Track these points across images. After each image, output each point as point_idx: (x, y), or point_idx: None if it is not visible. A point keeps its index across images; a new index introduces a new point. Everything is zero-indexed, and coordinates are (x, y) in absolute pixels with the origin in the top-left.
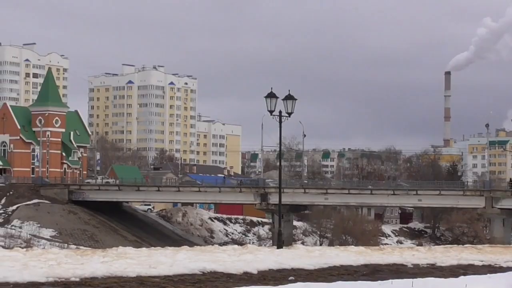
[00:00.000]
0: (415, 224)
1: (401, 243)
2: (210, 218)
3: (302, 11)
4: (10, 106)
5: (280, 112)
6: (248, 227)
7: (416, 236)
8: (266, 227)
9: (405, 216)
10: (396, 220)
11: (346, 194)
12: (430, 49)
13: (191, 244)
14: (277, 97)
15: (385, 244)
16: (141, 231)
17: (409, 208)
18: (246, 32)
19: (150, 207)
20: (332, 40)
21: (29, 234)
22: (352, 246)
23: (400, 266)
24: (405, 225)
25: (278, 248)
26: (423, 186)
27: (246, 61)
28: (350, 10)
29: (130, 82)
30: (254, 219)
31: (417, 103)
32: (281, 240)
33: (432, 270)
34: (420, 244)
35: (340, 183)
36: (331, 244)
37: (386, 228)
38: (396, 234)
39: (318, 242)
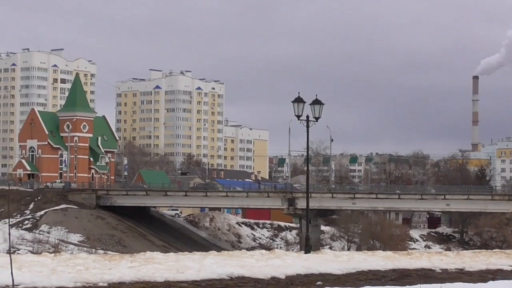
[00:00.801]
0: (443, 229)
1: (429, 247)
2: (237, 223)
3: (330, 15)
4: (38, 111)
5: (308, 117)
6: (276, 232)
7: (444, 240)
8: (294, 232)
9: (433, 220)
10: (424, 225)
11: (374, 199)
12: (459, 53)
13: (219, 249)
14: (304, 102)
15: (413, 249)
16: (168, 236)
17: (437, 213)
18: (274, 37)
19: (177, 212)
20: (360, 44)
21: (57, 239)
22: (380, 251)
23: (429, 271)
24: (433, 230)
25: (305, 253)
26: (451, 190)
27: (273, 66)
28: (379, 14)
29: (157, 87)
30: (282, 224)
31: (445, 107)
32: (308, 245)
33: (461, 275)
34: (448, 249)
35: (368, 187)
36: (359, 249)
37: (414, 233)
38: (424, 238)
39: (345, 247)
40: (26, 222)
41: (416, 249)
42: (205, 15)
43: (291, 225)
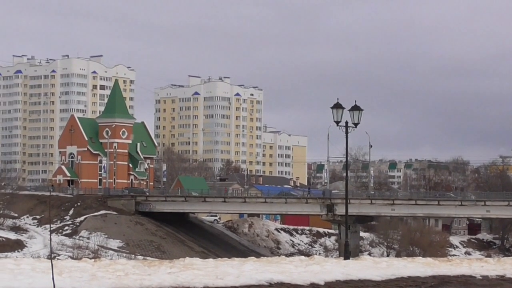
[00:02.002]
0: (484, 235)
1: (469, 254)
2: (276, 229)
3: (370, 21)
4: (78, 118)
5: (347, 122)
6: (315, 238)
7: (485, 247)
8: (333, 238)
9: (473, 227)
10: (464, 231)
11: (413, 205)
12: (501, 58)
13: (258, 255)
14: (343, 108)
15: (453, 255)
16: (207, 242)
17: (477, 219)
18: (314, 43)
19: (216, 218)
20: (400, 49)
21: (97, 245)
22: (420, 258)
23: (469, 278)
24: (473, 236)
25: (345, 259)
26: (492, 197)
27: (312, 71)
28: (420, 20)
29: (196, 93)
30: (321, 230)
31: (485, 113)
32: (348, 251)
33: (502, 282)
34: (488, 256)
35: (407, 194)
36: (398, 255)
37: (454, 239)
38: (464, 245)
39: (385, 253)
40: (66, 228)
41: (456, 255)
42: (245, 21)
43: (330, 231)
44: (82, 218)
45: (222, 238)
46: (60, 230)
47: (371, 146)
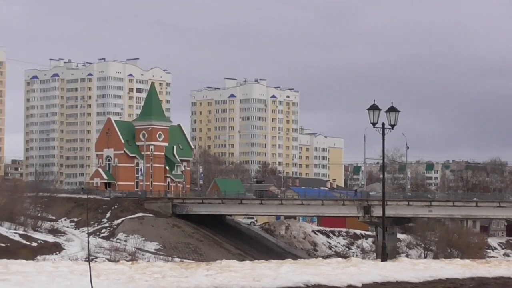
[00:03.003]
0: None
1: (508, 256)
2: (313, 231)
3: (407, 22)
4: (114, 121)
5: (383, 124)
6: (351, 240)
7: None
8: (370, 240)
9: None
10: (502, 233)
11: (451, 207)
12: None
13: (294, 257)
14: (380, 109)
15: (491, 257)
16: (244, 244)
17: None
18: (350, 44)
19: (253, 220)
20: (436, 50)
21: (134, 247)
22: (458, 259)
23: (508, 280)
24: None
25: (382, 261)
26: None
27: (349, 73)
28: (458, 20)
29: (232, 95)
30: (358, 231)
31: None
32: (385, 253)
33: None
34: None
35: (445, 195)
36: (435, 257)
37: (492, 241)
38: (503, 246)
39: (422, 254)
40: (104, 230)
41: (494, 257)
42: (281, 22)
43: (367, 233)
44: (119, 220)
45: (258, 240)
46: (98, 233)
47: (408, 148)
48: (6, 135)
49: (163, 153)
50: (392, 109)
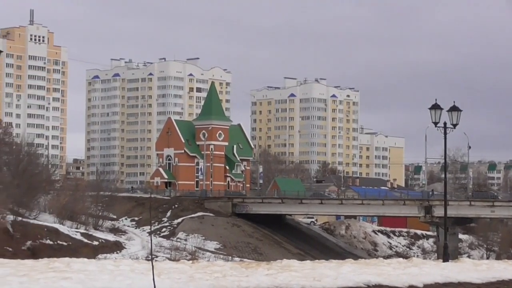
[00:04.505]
0: None
1: None
2: (373, 231)
3: (470, 20)
4: (175, 120)
5: (445, 123)
6: (412, 240)
7: None
8: (431, 240)
9: None
10: None
11: None
12: None
13: (355, 257)
14: (441, 109)
15: None
16: (304, 244)
17: None
18: (411, 43)
19: (313, 219)
20: (499, 49)
21: (194, 247)
22: None
23: None
24: None
25: (443, 261)
26: None
27: (410, 72)
28: None
29: (292, 95)
30: (418, 232)
31: None
32: (447, 253)
33: None
34: None
35: (507, 195)
36: (498, 257)
37: None
38: None
39: (484, 255)
40: (164, 229)
41: None
42: (342, 21)
43: (428, 233)
44: (179, 220)
45: (319, 240)
46: (158, 232)
47: (470, 147)
48: (68, 135)
49: (223, 153)
50: (454, 108)
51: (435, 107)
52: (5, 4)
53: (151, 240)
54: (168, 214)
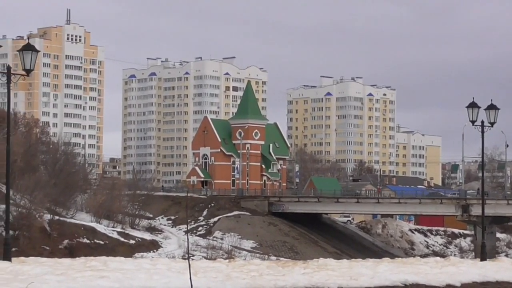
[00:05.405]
0: None
1: None
2: (410, 230)
3: (505, 17)
4: (211, 119)
5: (482, 122)
6: (449, 239)
7: None
8: (468, 239)
9: None
10: None
11: None
12: None
13: (391, 256)
14: (479, 107)
15: None
16: (340, 243)
17: None
18: (448, 41)
19: (349, 218)
20: None
21: (230, 246)
22: None
23: None
24: None
25: (481, 260)
26: None
27: (446, 70)
28: None
29: (328, 94)
30: (456, 230)
31: None
32: (484, 252)
33: None
34: None
35: None
36: None
37: None
38: None
39: None
40: (200, 228)
41: None
42: (378, 20)
43: (465, 232)
44: (215, 218)
45: (355, 239)
46: (194, 231)
47: (508, 146)
48: (105, 134)
49: (259, 152)
50: (491, 107)
51: (473, 105)
52: (42, 4)
53: (187, 239)
54: (205, 213)
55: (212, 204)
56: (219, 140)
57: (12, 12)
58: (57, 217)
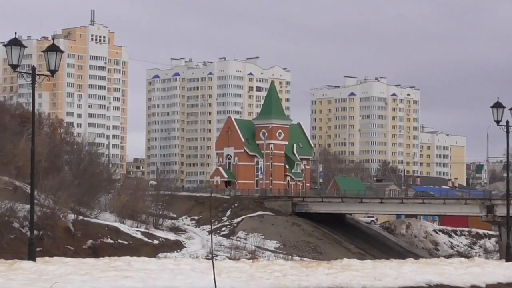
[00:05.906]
0: None
1: None
2: (434, 230)
3: None
4: (235, 119)
5: (507, 122)
6: (474, 239)
7: None
8: (493, 239)
9: None
10: None
11: None
12: None
13: (415, 256)
14: (504, 107)
15: None
16: (364, 243)
17: None
18: (473, 40)
19: (373, 219)
20: None
21: (254, 246)
22: None
23: None
24: None
25: (506, 261)
26: None
27: (471, 69)
28: None
29: (352, 94)
30: (480, 231)
31: None
32: (509, 253)
33: None
34: None
35: None
36: None
37: None
38: None
39: None
40: (224, 228)
41: None
42: (402, 19)
43: (490, 232)
44: (239, 219)
45: (379, 239)
46: (218, 231)
47: None
48: (128, 134)
49: (283, 152)
50: None
51: (497, 105)
52: (66, 5)
53: (211, 239)
54: (228, 213)
55: (236, 204)
56: (243, 140)
57: (36, 13)
58: (81, 217)
